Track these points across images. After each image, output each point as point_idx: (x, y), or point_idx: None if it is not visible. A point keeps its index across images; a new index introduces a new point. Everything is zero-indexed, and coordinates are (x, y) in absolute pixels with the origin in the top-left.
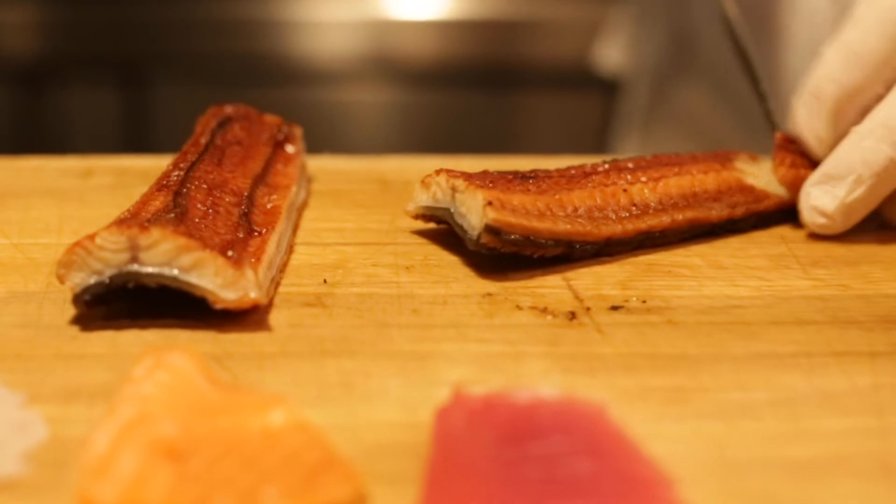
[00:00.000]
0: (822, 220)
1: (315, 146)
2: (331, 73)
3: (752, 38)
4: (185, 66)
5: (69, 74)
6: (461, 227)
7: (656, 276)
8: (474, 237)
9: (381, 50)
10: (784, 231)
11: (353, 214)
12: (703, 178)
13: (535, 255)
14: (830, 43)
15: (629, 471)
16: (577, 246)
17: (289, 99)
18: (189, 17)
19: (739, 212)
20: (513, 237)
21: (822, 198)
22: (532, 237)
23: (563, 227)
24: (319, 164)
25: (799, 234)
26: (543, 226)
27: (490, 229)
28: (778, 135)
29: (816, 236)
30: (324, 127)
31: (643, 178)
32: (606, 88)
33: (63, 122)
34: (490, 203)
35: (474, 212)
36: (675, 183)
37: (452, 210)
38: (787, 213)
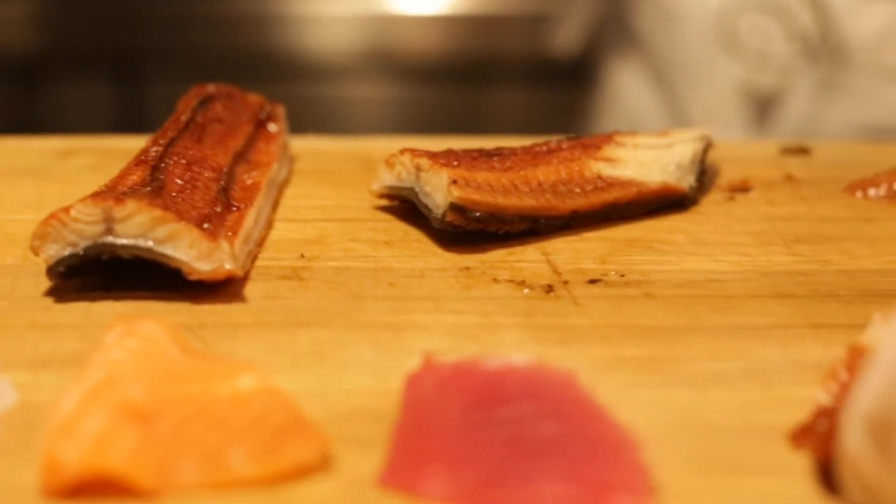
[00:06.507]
0: None
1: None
2: (328, 68)
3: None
4: (181, 62)
5: (64, 69)
6: (426, 206)
7: (637, 251)
8: (439, 216)
9: (380, 45)
10: (769, 209)
11: (335, 192)
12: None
13: (501, 231)
14: None
15: (595, 434)
16: (543, 220)
17: (285, 94)
18: (186, 12)
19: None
20: (478, 214)
21: None
22: (497, 213)
23: (528, 202)
24: (304, 145)
25: (784, 211)
26: (509, 202)
27: (455, 207)
28: None
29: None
30: (320, 122)
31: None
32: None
33: (57, 117)
34: (454, 181)
35: (439, 190)
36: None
37: (417, 189)
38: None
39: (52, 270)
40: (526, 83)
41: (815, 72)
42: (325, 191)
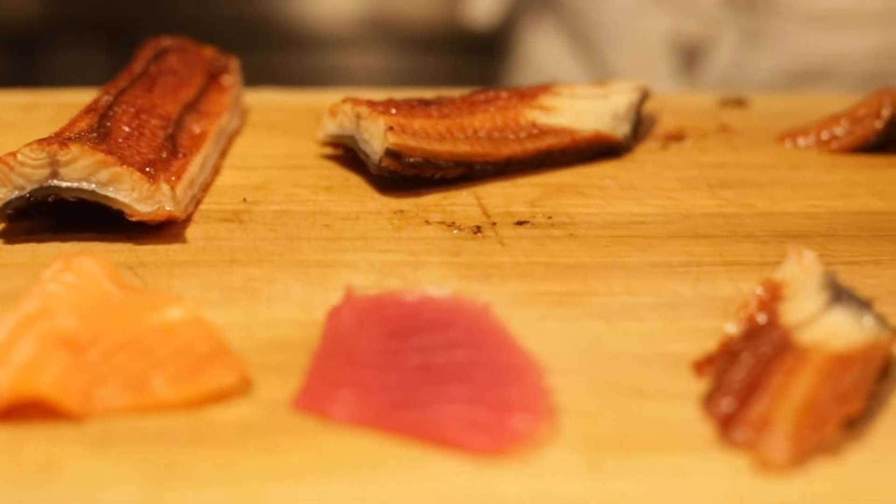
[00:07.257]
0: None
1: None
2: (326, 38)
3: None
4: (177, 31)
5: (60, 39)
6: (365, 152)
7: (566, 195)
8: (376, 161)
9: (378, 14)
10: (700, 157)
11: (283, 142)
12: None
13: (437, 177)
14: None
15: (502, 361)
16: (478, 166)
17: (281, 63)
18: None
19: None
20: (413, 160)
21: None
22: (432, 159)
23: (463, 148)
24: (259, 98)
25: (714, 159)
26: (444, 148)
27: (391, 153)
28: None
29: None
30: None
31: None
32: None
33: (53, 84)
34: (391, 128)
35: (377, 137)
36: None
37: (357, 137)
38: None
39: (0, 213)
40: (442, 53)
41: (741, 20)
42: (274, 140)
